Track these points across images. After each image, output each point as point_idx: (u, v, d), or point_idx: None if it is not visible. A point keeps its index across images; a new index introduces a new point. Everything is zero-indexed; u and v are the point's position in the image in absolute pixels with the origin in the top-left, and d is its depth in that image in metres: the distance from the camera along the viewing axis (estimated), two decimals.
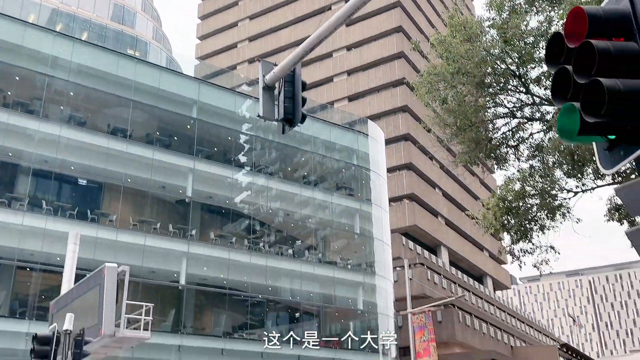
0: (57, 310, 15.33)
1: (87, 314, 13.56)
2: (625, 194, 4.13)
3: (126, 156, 29.18)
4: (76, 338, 12.51)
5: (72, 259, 15.59)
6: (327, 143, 38.71)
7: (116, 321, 13.55)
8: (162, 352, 26.78)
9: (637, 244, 3.92)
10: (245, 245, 32.78)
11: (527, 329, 67.24)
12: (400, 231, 50.77)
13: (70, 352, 12.41)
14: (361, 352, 34.95)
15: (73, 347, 12.39)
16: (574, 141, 4.46)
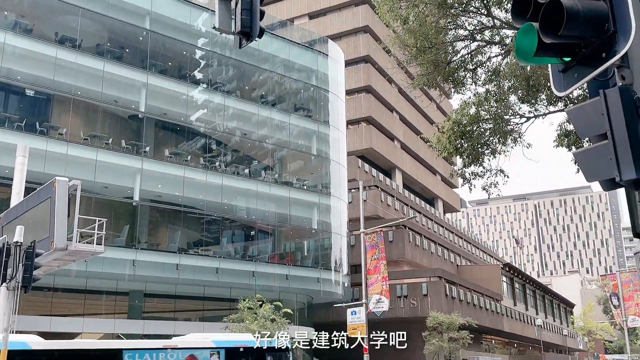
0: (7, 222, 15.08)
1: (38, 227, 13.41)
2: (576, 116, 4.23)
3: (75, 67, 27.98)
4: (27, 250, 12.41)
5: (21, 171, 15.18)
6: (286, 62, 37.97)
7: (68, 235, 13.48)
8: (117, 267, 26.95)
9: (583, 166, 4.06)
10: (201, 163, 32.54)
11: (473, 249, 70.36)
12: (356, 154, 51.26)
13: (21, 264, 12.33)
14: (314, 269, 36.05)
15: (24, 259, 12.31)
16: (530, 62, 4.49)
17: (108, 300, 29.98)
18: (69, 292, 28.31)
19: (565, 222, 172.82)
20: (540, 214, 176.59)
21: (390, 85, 58.86)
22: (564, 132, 12.31)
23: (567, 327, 76.62)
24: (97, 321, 29.21)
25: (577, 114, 4.20)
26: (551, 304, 75.24)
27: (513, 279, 62.37)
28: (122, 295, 29.77)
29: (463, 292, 45.25)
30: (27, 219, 14.04)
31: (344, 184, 39.65)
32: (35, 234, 13.27)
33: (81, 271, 24.86)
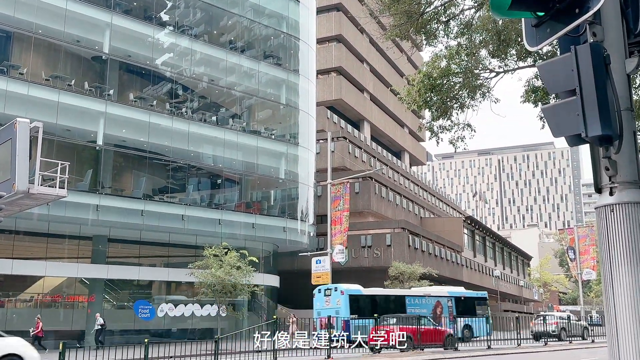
0: None
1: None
2: (546, 71, 4.25)
3: (37, 4, 26.79)
4: None
5: None
6: (255, 7, 37.03)
7: (30, 177, 13.23)
8: (80, 211, 26.63)
9: (550, 121, 4.11)
10: (167, 109, 31.93)
11: (437, 202, 71.67)
12: (325, 104, 50.99)
13: None
14: (280, 218, 36.28)
15: None
16: (504, 15, 4.46)
17: (71, 245, 29.76)
18: (31, 235, 27.97)
19: (527, 177, 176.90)
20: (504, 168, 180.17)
21: (362, 36, 58.17)
22: (531, 88, 12.41)
23: (523, 279, 79.59)
24: (60, 265, 29.03)
25: (547, 69, 4.22)
26: (509, 256, 77.81)
27: (474, 231, 64.04)
28: (85, 239, 29.57)
29: (425, 243, 46.33)
30: None
31: (313, 135, 39.56)
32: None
33: (43, 215, 24.49)
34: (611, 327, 3.75)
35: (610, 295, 3.77)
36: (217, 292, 26.33)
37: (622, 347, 3.67)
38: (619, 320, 3.69)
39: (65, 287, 30.30)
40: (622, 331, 3.67)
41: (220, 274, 25.73)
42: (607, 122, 3.65)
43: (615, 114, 3.73)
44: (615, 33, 4.05)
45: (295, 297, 41.62)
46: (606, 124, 3.65)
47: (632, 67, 4.06)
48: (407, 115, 64.83)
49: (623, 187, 3.83)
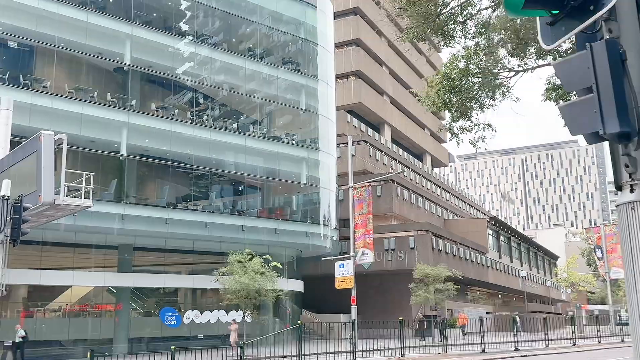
0: None
1: (25, 181, 13.37)
2: (562, 69, 4.22)
3: (58, 18, 27.30)
4: (14, 204, 12.38)
5: (5, 124, 15.02)
6: (273, 14, 37.25)
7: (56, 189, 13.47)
8: (106, 221, 26.99)
9: (567, 119, 4.08)
10: (189, 118, 32.25)
11: (460, 203, 71.13)
12: (345, 108, 51.01)
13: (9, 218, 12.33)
14: (303, 223, 36.35)
15: (12, 213, 12.30)
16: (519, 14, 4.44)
17: (97, 254, 30.17)
18: (58, 245, 28.41)
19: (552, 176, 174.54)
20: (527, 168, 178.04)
21: (380, 39, 58.12)
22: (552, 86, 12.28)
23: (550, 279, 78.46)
24: (87, 274, 29.47)
25: (563, 67, 4.19)
26: (535, 257, 76.79)
27: (499, 232, 63.37)
28: (111, 249, 29.95)
29: (449, 245, 45.98)
30: (14, 173, 13.98)
31: (333, 139, 39.60)
32: (22, 188, 13.23)
33: (70, 225, 24.88)
34: (635, 325, 3.70)
35: (634, 293, 3.73)
36: (242, 298, 26.45)
37: None
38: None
39: (92, 296, 30.73)
40: None
41: (244, 280, 25.84)
42: (625, 119, 3.62)
43: (633, 110, 3.69)
44: (631, 29, 4.01)
45: (320, 302, 41.61)
46: (624, 120, 3.61)
47: None
48: (428, 116, 64.54)
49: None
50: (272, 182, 36.30)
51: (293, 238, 35.36)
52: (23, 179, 13.60)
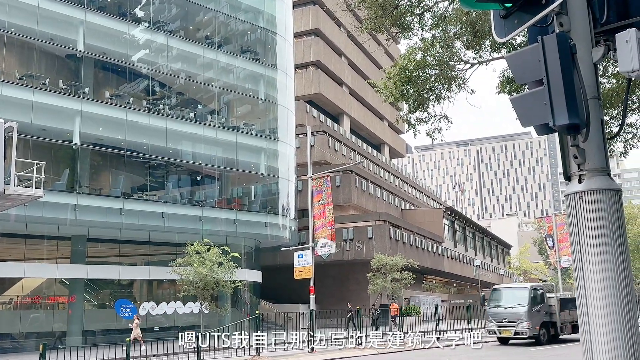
0: None
1: None
2: (514, 62, 4.31)
3: (8, 2, 26.31)
4: None
5: None
6: (231, 2, 36.80)
7: (5, 178, 13.06)
8: (58, 211, 26.31)
9: (519, 111, 4.18)
10: (144, 106, 31.63)
11: (417, 194, 72.13)
12: (304, 98, 50.95)
13: None
14: (262, 213, 36.24)
15: None
16: (473, 7, 4.52)
17: (50, 245, 29.41)
18: (8, 236, 27.57)
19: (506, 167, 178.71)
20: (482, 159, 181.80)
21: (339, 29, 58.16)
22: (506, 78, 12.54)
23: (504, 267, 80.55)
24: (39, 266, 28.69)
25: (515, 60, 4.29)
26: (489, 246, 78.68)
27: (454, 222, 64.61)
28: (64, 240, 29.23)
29: (407, 235, 46.64)
30: None
31: (292, 129, 39.52)
32: None
33: (21, 215, 24.16)
34: (582, 311, 3.84)
35: (581, 280, 3.86)
36: (200, 289, 26.25)
37: (592, 329, 3.77)
38: (590, 304, 3.79)
39: (45, 288, 29.96)
40: (592, 314, 3.76)
41: (202, 270, 25.64)
42: (574, 111, 3.73)
43: (582, 103, 3.80)
44: (581, 23, 4.13)
45: (278, 292, 41.67)
46: (573, 112, 3.72)
47: (598, 56, 4.15)
48: (386, 108, 65.07)
49: (591, 175, 3.91)
50: (231, 172, 36.00)
51: (251, 228, 35.23)
52: None
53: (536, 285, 24.89)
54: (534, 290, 23.75)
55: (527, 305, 22.77)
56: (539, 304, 23.22)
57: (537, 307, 23.01)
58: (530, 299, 23.01)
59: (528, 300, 22.94)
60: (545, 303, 23.48)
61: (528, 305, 22.77)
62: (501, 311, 23.44)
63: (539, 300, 23.38)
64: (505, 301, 23.83)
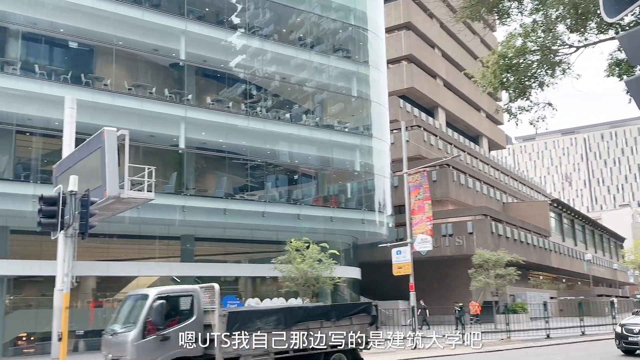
0: (61, 173, 15.67)
1: (91, 176, 13.87)
2: (627, 42, 4.04)
3: (115, 17, 28.12)
4: (82, 198, 12.88)
5: (70, 123, 15.64)
6: (322, 1, 37.16)
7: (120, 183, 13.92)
8: (167, 212, 27.78)
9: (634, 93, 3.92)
10: (243, 109, 32.70)
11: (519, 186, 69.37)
12: (397, 94, 50.49)
13: (77, 212, 12.85)
14: (358, 210, 36.35)
15: (79, 207, 12.80)
16: None
17: (161, 245, 31.12)
18: (123, 237, 29.46)
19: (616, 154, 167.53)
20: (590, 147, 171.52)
21: (432, 21, 57.08)
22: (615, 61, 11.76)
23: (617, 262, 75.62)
24: (152, 265, 30.46)
25: (629, 40, 4.02)
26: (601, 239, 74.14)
27: (561, 214, 61.50)
28: (174, 239, 30.82)
29: (510, 230, 44.99)
30: (79, 168, 14.54)
31: (386, 125, 39.30)
32: (89, 183, 13.75)
33: (134, 217, 25.74)
34: None
35: None
36: (301, 285, 26.75)
37: None
38: None
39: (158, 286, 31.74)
40: None
41: (303, 267, 26.12)
42: None
43: None
44: None
45: (377, 289, 41.62)
46: None
47: None
48: (483, 98, 63.09)
49: None
50: (326, 170, 36.42)
51: (348, 225, 35.42)
52: (89, 174, 14.12)
53: (167, 291, 13.76)
54: (160, 299, 12.96)
55: (137, 329, 12.55)
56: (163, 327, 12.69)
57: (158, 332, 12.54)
58: (144, 318, 12.62)
59: (142, 319, 12.62)
60: (189, 322, 13.06)
61: (139, 328, 12.54)
62: (108, 340, 13.38)
63: (162, 318, 12.70)
64: (120, 319, 13.89)
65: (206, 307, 13.39)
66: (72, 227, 13.12)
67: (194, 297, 13.53)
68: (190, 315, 13.25)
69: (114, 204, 14.38)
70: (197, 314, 13.29)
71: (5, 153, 25.91)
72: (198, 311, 13.32)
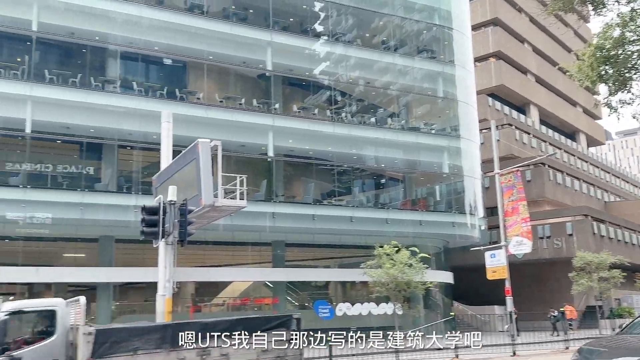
0: (160, 184, 16.53)
1: (187, 186, 14.54)
2: None
3: (206, 33, 29.33)
4: (180, 207, 13.52)
5: (167, 136, 16.46)
6: (405, 3, 36.87)
7: (214, 192, 14.48)
8: (258, 219, 28.51)
9: None
10: (328, 116, 33.04)
11: (622, 184, 65.34)
12: (486, 92, 49.11)
13: (176, 221, 13.50)
14: (448, 213, 35.64)
15: (178, 216, 13.43)
16: None
17: (253, 251, 32.00)
18: (218, 244, 30.53)
19: None
20: None
21: (520, 15, 55.15)
22: None
23: None
24: (246, 270, 31.39)
25: None
26: None
27: None
28: (265, 245, 31.59)
29: (613, 230, 42.48)
30: (177, 179, 15.27)
31: (475, 125, 38.31)
32: (185, 193, 14.42)
33: (227, 224, 26.62)
34: None
35: None
36: (391, 290, 26.56)
37: None
38: None
39: (252, 291, 32.65)
40: None
41: (393, 272, 25.92)
42: None
43: None
44: None
45: (470, 294, 40.54)
46: None
47: None
48: (579, 93, 60.07)
49: None
50: (414, 173, 36.01)
51: (439, 229, 34.79)
52: (185, 184, 14.80)
53: (21, 306, 12.34)
54: (7, 316, 11.34)
55: None
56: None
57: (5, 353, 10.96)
58: None
59: None
60: (48, 342, 11.54)
61: None
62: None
63: (4, 337, 11.15)
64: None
65: (73, 324, 11.72)
66: (172, 235, 13.78)
67: (56, 313, 11.82)
68: (51, 333, 11.66)
69: (209, 212, 14.96)
70: (60, 331, 11.64)
71: (109, 167, 27.69)
72: (62, 328, 11.68)
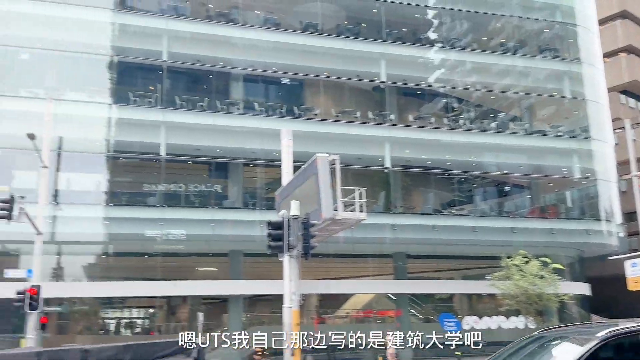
0: (282, 199, 17.08)
1: (308, 200, 14.89)
2: None
3: (320, 50, 30.08)
4: (303, 221, 13.87)
5: (287, 153, 16.99)
6: (524, 2, 35.39)
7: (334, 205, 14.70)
8: (378, 231, 28.48)
9: None
10: (445, 124, 32.39)
11: None
12: (617, 89, 45.68)
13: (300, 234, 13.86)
14: (581, 220, 33.42)
15: (302, 230, 13.79)
16: None
17: (374, 263, 31.97)
18: (339, 257, 30.86)
19: None
20: None
21: None
22: None
23: None
24: (367, 282, 31.42)
25: None
26: None
27: None
28: (386, 257, 31.45)
29: None
30: (298, 194, 15.70)
31: (607, 125, 35.72)
32: (306, 207, 14.77)
33: (348, 237, 26.76)
34: None
35: None
36: (522, 303, 25.29)
37: None
38: None
39: (374, 303, 32.60)
40: None
41: (523, 284, 24.69)
42: None
43: None
44: None
45: (609, 306, 37.53)
46: None
47: None
48: None
49: None
50: (540, 179, 34.21)
51: (571, 237, 32.68)
52: (306, 199, 15.16)
53: None
54: None
55: None
56: None
57: None
58: None
59: None
60: None
61: None
62: None
63: None
64: None
65: None
66: (296, 249, 14.16)
67: None
68: None
69: (330, 226, 15.20)
70: None
71: (236, 184, 29.09)
72: None
